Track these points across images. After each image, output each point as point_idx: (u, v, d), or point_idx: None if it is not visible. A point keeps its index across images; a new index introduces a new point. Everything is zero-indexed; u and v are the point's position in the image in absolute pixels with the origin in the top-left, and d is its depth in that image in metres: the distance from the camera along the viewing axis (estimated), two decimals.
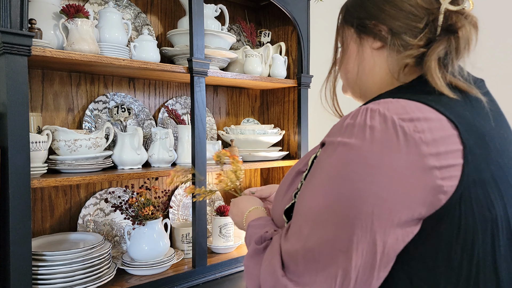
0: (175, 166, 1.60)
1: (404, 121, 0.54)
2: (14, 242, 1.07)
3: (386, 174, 0.53)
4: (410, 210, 0.54)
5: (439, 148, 0.54)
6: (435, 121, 0.55)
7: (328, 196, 0.57)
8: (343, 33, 0.75)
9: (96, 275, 1.27)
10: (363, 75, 0.73)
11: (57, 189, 1.49)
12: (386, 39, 0.67)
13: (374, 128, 0.55)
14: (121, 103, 1.64)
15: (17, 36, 1.05)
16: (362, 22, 0.70)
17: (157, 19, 1.78)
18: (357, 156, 0.55)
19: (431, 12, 0.64)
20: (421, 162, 0.53)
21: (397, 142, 0.54)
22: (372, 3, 0.69)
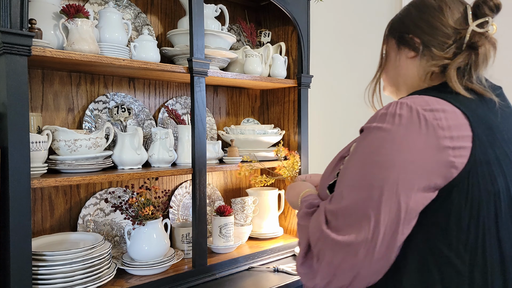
0: (175, 166, 1.61)
1: (425, 111, 0.70)
2: (14, 242, 1.07)
3: (409, 150, 0.68)
4: (427, 179, 0.68)
5: (452, 132, 0.69)
6: (450, 112, 0.70)
7: (363, 166, 0.72)
8: (387, 44, 0.93)
9: (96, 275, 1.27)
10: (399, 78, 0.90)
11: (57, 189, 1.49)
12: (419, 50, 0.84)
13: (402, 115, 0.70)
14: (121, 103, 1.64)
15: (17, 36, 1.05)
16: (402, 35, 0.87)
17: (157, 19, 1.78)
18: (387, 135, 0.70)
19: (459, 31, 0.80)
20: (437, 142, 0.68)
21: (419, 126, 0.69)
22: (410, 20, 0.86)
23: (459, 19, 0.81)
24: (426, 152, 0.68)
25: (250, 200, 1.88)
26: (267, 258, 1.75)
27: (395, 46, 0.89)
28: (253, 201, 1.90)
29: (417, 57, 0.85)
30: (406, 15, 0.88)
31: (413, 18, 0.86)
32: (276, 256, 1.78)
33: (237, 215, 1.85)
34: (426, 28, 0.83)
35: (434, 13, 0.83)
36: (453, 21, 0.81)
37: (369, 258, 0.68)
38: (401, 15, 0.90)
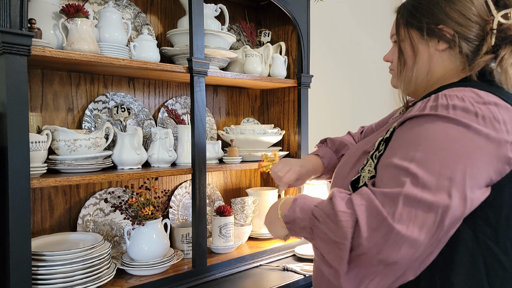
0: (175, 166, 1.60)
1: (478, 103, 0.67)
2: (14, 242, 1.07)
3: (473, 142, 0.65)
4: (488, 174, 0.66)
5: (508, 126, 0.66)
6: (502, 105, 0.68)
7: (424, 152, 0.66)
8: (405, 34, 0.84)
9: (96, 275, 1.27)
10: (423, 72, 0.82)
11: (57, 189, 1.49)
12: (453, 42, 0.78)
13: (456, 106, 0.67)
14: (121, 103, 1.64)
15: (17, 36, 1.05)
16: (429, 26, 0.80)
17: (157, 18, 1.78)
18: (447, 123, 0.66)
19: (488, 22, 0.76)
20: (498, 136, 0.65)
21: (476, 118, 0.66)
22: (440, 10, 0.79)
23: (484, 8, 0.77)
24: (488, 146, 0.65)
25: (250, 200, 1.88)
26: (267, 258, 1.74)
27: (419, 37, 0.82)
28: (253, 201, 1.90)
29: (449, 49, 0.80)
30: (432, 4, 0.80)
31: (442, 7, 0.79)
32: (276, 256, 1.78)
33: (237, 215, 1.85)
34: (460, 19, 0.77)
35: (464, 2, 0.77)
36: (481, 11, 0.77)
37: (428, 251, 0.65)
38: (424, 4, 0.82)
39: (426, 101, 0.71)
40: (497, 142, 0.65)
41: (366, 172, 0.79)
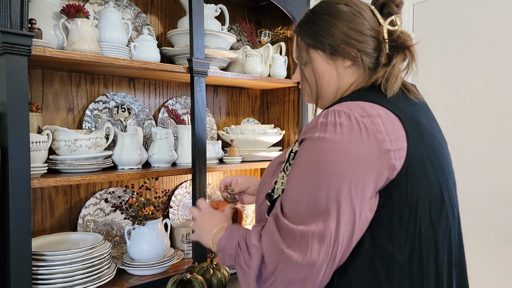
0: (175, 166, 1.60)
1: (363, 117, 0.71)
2: (14, 242, 1.07)
3: (355, 157, 0.69)
4: (375, 184, 0.71)
5: (390, 135, 0.71)
6: (384, 115, 0.73)
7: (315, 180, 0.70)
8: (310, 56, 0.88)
9: (96, 275, 1.27)
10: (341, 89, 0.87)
11: (57, 189, 1.49)
12: (356, 58, 0.82)
13: (342, 124, 0.71)
14: (121, 103, 1.64)
15: (17, 36, 1.05)
16: (332, 47, 0.84)
17: (157, 19, 1.78)
18: (333, 145, 0.70)
19: (379, 32, 0.82)
20: (379, 147, 0.70)
21: (360, 133, 0.70)
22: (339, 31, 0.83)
23: (373, 19, 0.83)
24: (371, 158, 0.69)
25: None
26: None
27: (325, 57, 0.85)
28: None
29: (354, 65, 0.84)
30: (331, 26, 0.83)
31: (341, 28, 0.82)
32: None
33: None
34: (357, 36, 0.81)
35: (356, 19, 0.82)
36: (372, 23, 0.83)
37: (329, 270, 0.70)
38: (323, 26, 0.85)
39: (318, 117, 0.74)
40: (378, 152, 0.69)
41: (279, 185, 0.82)
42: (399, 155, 0.71)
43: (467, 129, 1.89)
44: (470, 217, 1.88)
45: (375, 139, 0.70)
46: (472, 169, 1.88)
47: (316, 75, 0.88)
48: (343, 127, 0.70)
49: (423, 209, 0.74)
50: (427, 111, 0.85)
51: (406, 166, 0.72)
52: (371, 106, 0.73)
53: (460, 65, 1.93)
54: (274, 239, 0.71)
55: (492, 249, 1.83)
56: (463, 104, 1.91)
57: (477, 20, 1.86)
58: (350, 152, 0.69)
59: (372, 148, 0.69)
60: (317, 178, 0.70)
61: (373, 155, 0.69)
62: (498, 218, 1.80)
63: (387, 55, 0.81)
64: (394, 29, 0.82)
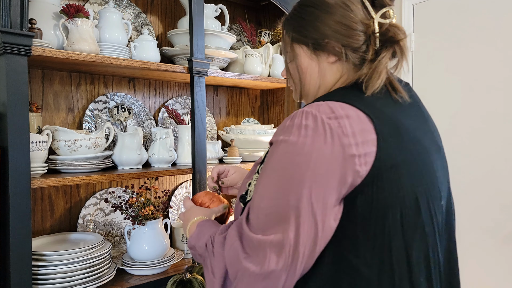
0: (175, 166, 1.60)
1: (330, 119, 0.66)
2: (14, 242, 1.07)
3: (316, 162, 0.64)
4: (338, 191, 0.65)
5: (357, 139, 0.65)
6: (354, 117, 0.67)
7: (276, 186, 0.67)
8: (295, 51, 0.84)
9: (96, 275, 1.27)
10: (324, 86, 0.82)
11: (57, 189, 1.49)
12: (341, 54, 0.77)
13: (308, 126, 0.66)
14: (121, 103, 1.64)
15: (17, 36, 1.05)
16: (316, 41, 0.79)
17: (157, 19, 1.78)
18: (295, 149, 0.66)
19: (369, 26, 0.76)
20: (344, 151, 0.64)
21: (324, 136, 0.65)
22: (323, 24, 0.78)
23: (363, 12, 0.76)
24: (334, 163, 0.64)
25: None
26: None
27: (309, 53, 0.81)
28: None
29: (339, 61, 0.79)
30: (315, 19, 0.79)
31: (325, 21, 0.77)
32: None
33: None
34: (343, 30, 0.76)
35: (342, 11, 0.76)
36: (361, 16, 0.76)
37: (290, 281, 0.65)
38: (307, 19, 0.81)
39: (287, 119, 0.71)
40: (342, 157, 0.64)
41: (252, 187, 0.79)
42: (365, 160, 0.65)
43: (467, 129, 1.89)
44: (470, 217, 1.88)
45: (339, 143, 0.64)
46: (472, 169, 1.88)
47: (300, 71, 0.83)
48: (308, 129, 0.66)
49: (392, 221, 0.67)
50: (416, 112, 0.78)
51: (373, 173, 0.65)
52: (341, 107, 0.68)
53: (461, 65, 1.93)
54: (234, 247, 0.68)
55: (492, 249, 1.83)
56: (463, 104, 1.91)
57: (477, 20, 1.86)
58: (311, 156, 0.64)
59: (335, 152, 0.64)
60: (278, 184, 0.66)
61: (336, 160, 0.64)
62: (498, 218, 1.80)
63: (376, 50, 0.75)
64: (386, 22, 0.75)
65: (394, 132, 0.68)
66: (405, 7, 2.09)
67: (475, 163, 1.87)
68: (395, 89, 0.75)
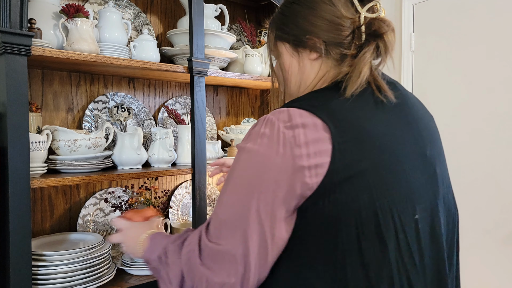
0: (175, 166, 1.60)
1: (286, 128, 0.63)
2: (14, 242, 1.07)
3: (266, 172, 0.63)
4: (287, 203, 0.63)
5: (309, 149, 0.62)
6: (310, 126, 0.63)
7: (231, 194, 0.66)
8: (278, 49, 0.82)
9: (96, 275, 1.27)
10: (302, 83, 0.79)
11: (57, 189, 1.49)
12: (322, 51, 0.74)
13: (264, 134, 0.64)
14: (121, 103, 1.64)
15: (17, 36, 1.05)
16: (297, 37, 0.77)
17: (157, 19, 1.78)
18: (250, 157, 0.65)
19: (354, 20, 0.72)
20: (294, 162, 0.61)
21: (277, 146, 0.62)
22: (304, 20, 0.75)
23: (348, 7, 0.73)
24: (283, 174, 0.62)
25: None
26: None
27: (291, 50, 0.79)
28: None
29: (321, 58, 0.76)
30: (297, 15, 0.77)
31: (306, 17, 0.75)
32: None
33: None
34: (324, 25, 0.73)
35: (325, 6, 0.73)
36: (345, 11, 0.73)
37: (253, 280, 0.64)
38: (289, 15, 0.79)
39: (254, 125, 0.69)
40: (293, 168, 0.61)
41: None
42: (316, 172, 0.61)
43: (467, 129, 1.89)
44: (470, 217, 1.88)
45: (290, 154, 0.61)
46: (472, 169, 1.88)
47: (283, 69, 0.81)
48: (264, 137, 0.64)
49: (346, 236, 0.62)
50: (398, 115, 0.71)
51: (324, 185, 0.61)
52: (300, 114, 0.64)
53: (461, 65, 1.93)
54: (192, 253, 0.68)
55: (492, 249, 1.83)
56: (463, 104, 1.91)
57: (477, 20, 1.86)
58: (262, 166, 0.63)
59: (285, 163, 0.62)
60: (233, 193, 0.66)
61: (285, 171, 0.62)
62: (498, 218, 1.80)
63: (358, 46, 0.72)
64: (372, 16, 0.72)
65: (355, 141, 0.63)
66: (405, 7, 2.09)
67: (475, 163, 1.87)
68: (379, 88, 0.70)
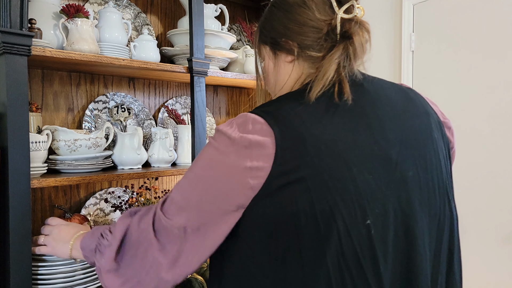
0: (175, 166, 1.60)
1: (240, 131, 0.66)
2: (14, 242, 1.07)
3: (215, 169, 0.67)
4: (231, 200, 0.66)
5: (252, 151, 0.64)
6: (258, 130, 0.65)
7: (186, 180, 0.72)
8: (261, 51, 0.85)
9: (96, 275, 1.27)
10: (278, 83, 0.82)
11: (57, 189, 1.49)
12: (294, 53, 0.76)
13: (224, 134, 0.68)
14: (121, 103, 1.64)
15: (17, 36, 1.05)
16: (274, 40, 0.79)
17: (157, 19, 1.78)
18: (209, 152, 0.70)
19: (329, 22, 0.72)
20: (240, 163, 0.65)
21: (229, 147, 0.66)
22: (279, 23, 0.78)
23: (325, 9, 0.73)
24: (231, 174, 0.66)
25: None
26: None
27: (270, 53, 0.82)
28: None
29: (295, 61, 0.77)
30: (273, 18, 0.79)
31: (281, 20, 0.77)
32: None
33: None
34: (296, 28, 0.75)
35: (299, 9, 0.75)
36: (320, 13, 0.73)
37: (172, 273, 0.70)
38: (268, 19, 0.81)
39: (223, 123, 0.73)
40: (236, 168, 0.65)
41: None
42: (258, 174, 0.64)
43: (467, 129, 1.89)
44: (470, 217, 1.88)
45: (237, 154, 0.65)
46: (472, 168, 1.88)
47: (264, 71, 0.85)
48: (222, 137, 0.68)
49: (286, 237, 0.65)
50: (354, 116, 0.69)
51: (265, 188, 0.64)
52: (254, 120, 0.67)
53: (461, 65, 1.93)
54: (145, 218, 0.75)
55: (492, 249, 1.83)
56: (463, 104, 1.91)
57: (477, 20, 1.86)
58: (213, 162, 0.68)
59: (233, 162, 0.66)
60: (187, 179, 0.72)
61: (233, 171, 0.66)
62: (498, 218, 1.80)
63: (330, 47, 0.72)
64: (349, 17, 0.72)
65: (297, 147, 0.64)
66: (405, 7, 2.09)
67: (475, 163, 1.87)
68: (341, 90, 0.69)
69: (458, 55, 1.92)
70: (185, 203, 0.70)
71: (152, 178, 1.68)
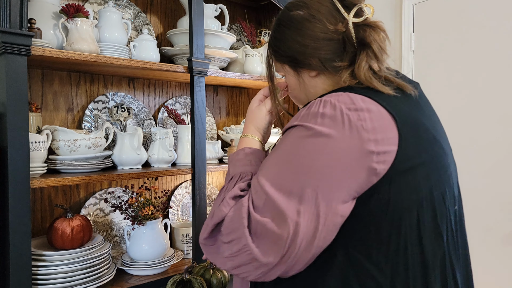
0: (174, 166, 1.60)
1: (350, 110, 0.62)
2: (14, 242, 1.07)
3: (330, 153, 0.61)
4: (349, 187, 0.61)
5: (377, 135, 0.61)
6: (375, 112, 0.63)
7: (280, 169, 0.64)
8: (279, 69, 0.84)
9: (96, 275, 1.27)
10: (310, 96, 0.81)
11: (57, 189, 1.49)
12: (319, 68, 0.75)
13: (325, 114, 0.63)
14: (121, 103, 1.64)
15: (17, 36, 1.05)
16: (293, 59, 0.78)
17: (157, 18, 1.78)
18: (308, 135, 0.63)
19: (342, 30, 0.72)
20: (361, 146, 0.61)
21: (342, 128, 0.61)
22: (293, 42, 0.76)
23: (335, 18, 0.73)
24: (348, 157, 0.60)
25: None
26: None
27: (291, 71, 0.80)
28: None
29: (321, 74, 0.77)
30: (286, 38, 0.78)
31: (294, 38, 0.76)
32: None
33: None
34: (312, 43, 0.74)
35: (308, 24, 0.74)
36: (331, 23, 0.73)
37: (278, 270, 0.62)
38: (280, 38, 0.80)
39: (304, 108, 0.68)
40: (359, 152, 0.60)
41: None
42: (384, 158, 0.61)
43: (467, 129, 1.89)
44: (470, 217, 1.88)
45: (358, 137, 0.60)
46: (472, 169, 1.88)
47: (290, 87, 0.84)
48: (324, 118, 0.63)
49: (409, 225, 0.63)
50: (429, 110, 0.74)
51: (391, 173, 0.62)
52: (362, 100, 0.64)
53: (461, 65, 1.92)
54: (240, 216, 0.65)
55: (492, 249, 1.83)
56: (463, 104, 1.91)
57: (477, 20, 1.86)
58: (325, 146, 0.61)
59: (352, 146, 0.60)
60: (284, 168, 0.64)
61: (351, 154, 0.60)
62: (498, 218, 1.80)
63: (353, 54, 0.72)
64: (360, 20, 0.71)
65: (414, 132, 0.65)
66: (405, 7, 2.09)
67: (475, 163, 1.87)
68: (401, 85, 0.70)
69: (458, 55, 1.92)
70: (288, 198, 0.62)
71: (152, 178, 1.68)
